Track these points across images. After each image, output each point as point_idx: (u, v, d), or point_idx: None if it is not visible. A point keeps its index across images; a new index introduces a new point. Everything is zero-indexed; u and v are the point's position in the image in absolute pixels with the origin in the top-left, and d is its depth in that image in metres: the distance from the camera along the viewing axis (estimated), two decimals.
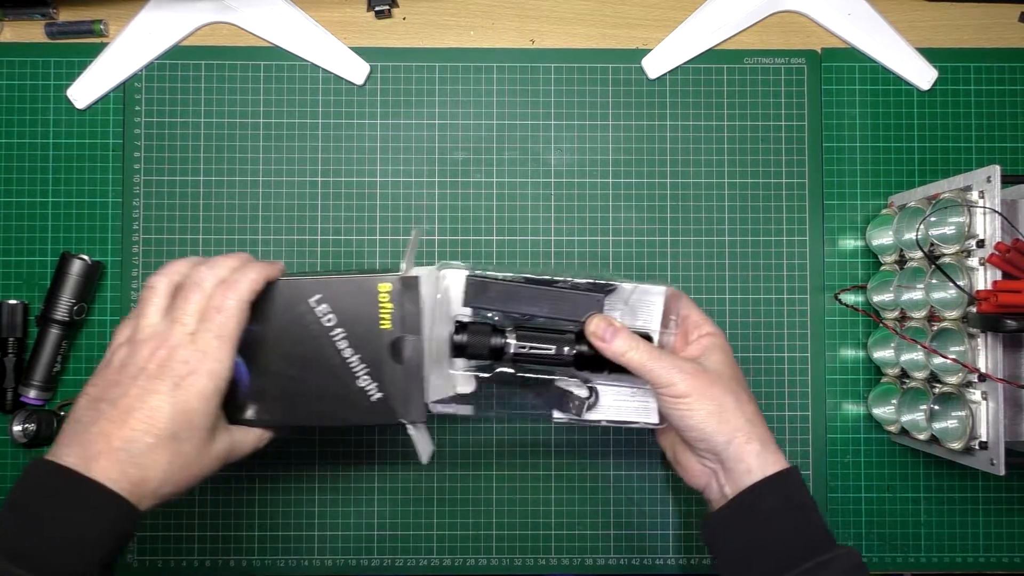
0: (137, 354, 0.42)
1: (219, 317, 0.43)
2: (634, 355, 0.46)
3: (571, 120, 0.62)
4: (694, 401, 0.45)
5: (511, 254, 0.62)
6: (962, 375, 0.51)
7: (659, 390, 0.46)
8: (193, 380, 0.41)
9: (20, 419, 0.58)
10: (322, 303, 0.45)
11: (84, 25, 0.61)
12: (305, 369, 0.46)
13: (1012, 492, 0.61)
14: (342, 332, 0.45)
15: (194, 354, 0.42)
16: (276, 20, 0.62)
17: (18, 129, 0.61)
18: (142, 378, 0.41)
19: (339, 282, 0.45)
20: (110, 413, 0.41)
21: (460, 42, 0.63)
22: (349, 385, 0.45)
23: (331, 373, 0.45)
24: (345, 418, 0.46)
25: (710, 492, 0.48)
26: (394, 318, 0.45)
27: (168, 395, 0.41)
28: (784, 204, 0.62)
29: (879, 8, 0.63)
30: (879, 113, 0.63)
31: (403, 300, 0.45)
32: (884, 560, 0.61)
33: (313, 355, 0.45)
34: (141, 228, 0.61)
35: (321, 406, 0.46)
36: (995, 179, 0.49)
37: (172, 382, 0.41)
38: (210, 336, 0.42)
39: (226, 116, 0.62)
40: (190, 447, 0.42)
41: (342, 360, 0.45)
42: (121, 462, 0.40)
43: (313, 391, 0.46)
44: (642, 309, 0.50)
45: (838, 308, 0.62)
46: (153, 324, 0.43)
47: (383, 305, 0.45)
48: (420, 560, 0.60)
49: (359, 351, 0.45)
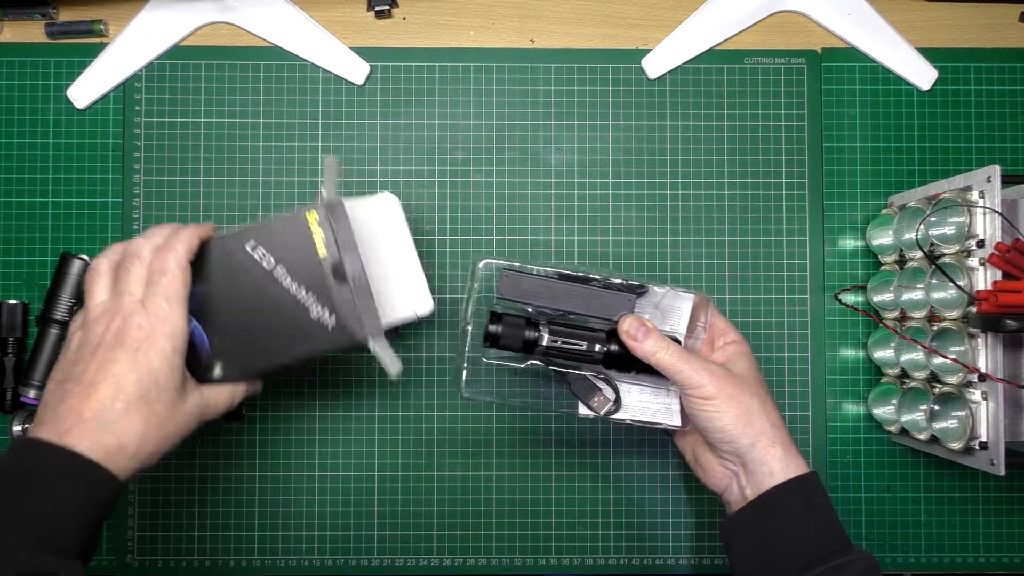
0: (92, 331, 0.43)
1: (164, 280, 0.44)
2: (664, 356, 0.47)
3: (571, 120, 0.62)
4: (722, 403, 0.46)
5: (511, 254, 0.62)
6: (962, 375, 0.51)
7: (687, 391, 0.47)
8: (151, 343, 0.42)
9: (20, 419, 0.58)
10: (257, 248, 0.47)
11: (84, 25, 0.61)
12: (258, 316, 0.47)
13: (1012, 492, 0.61)
14: (283, 270, 0.47)
15: (147, 318, 0.43)
16: (276, 20, 0.62)
17: (18, 129, 0.61)
18: (100, 350, 0.42)
19: (269, 224, 0.47)
20: (75, 390, 0.41)
21: (460, 42, 0.63)
22: (303, 319, 0.47)
23: (283, 312, 0.47)
24: (309, 351, 0.47)
25: (730, 494, 0.49)
26: (328, 243, 0.46)
27: (129, 361, 0.42)
28: (784, 204, 0.62)
29: (879, 8, 0.63)
30: (879, 113, 0.63)
31: (332, 224, 0.46)
32: (884, 560, 0.61)
33: (262, 300, 0.47)
34: (141, 228, 0.61)
35: (282, 347, 0.47)
36: (995, 179, 0.49)
37: (131, 348, 0.42)
38: (159, 299, 0.43)
39: (226, 116, 0.62)
40: (160, 407, 0.43)
41: (291, 297, 0.47)
42: (94, 432, 0.40)
43: (271, 335, 0.47)
44: (671, 313, 0.51)
45: (838, 308, 0.62)
46: (102, 302, 0.44)
47: (315, 233, 0.46)
48: (420, 560, 0.60)
49: (304, 284, 0.47)
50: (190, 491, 0.60)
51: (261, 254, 0.47)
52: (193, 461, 0.60)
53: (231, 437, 0.60)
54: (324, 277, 0.46)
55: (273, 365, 0.47)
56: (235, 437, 0.60)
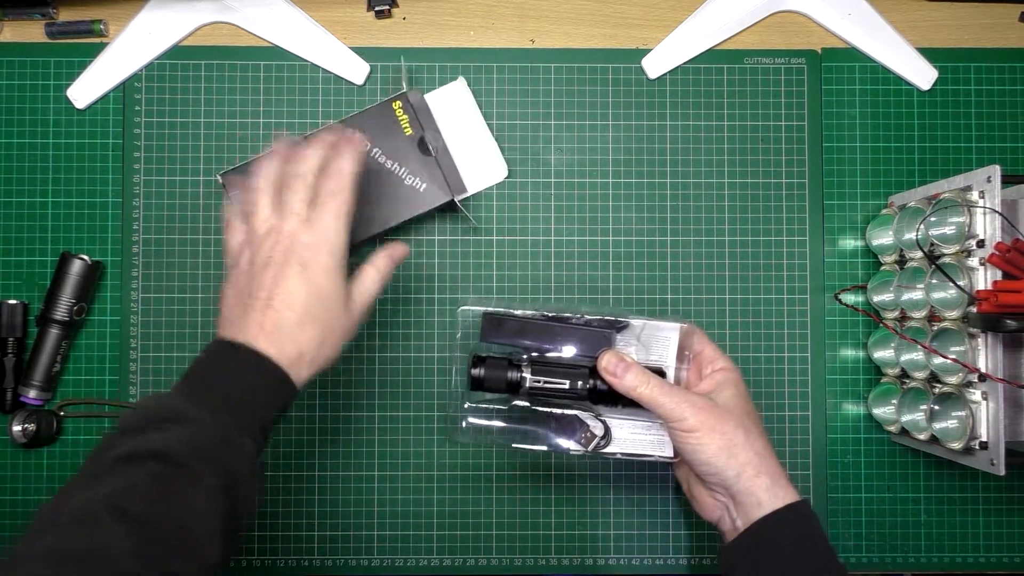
0: (261, 248, 0.46)
1: (333, 202, 0.47)
2: (644, 390, 0.47)
3: (571, 120, 0.62)
4: (704, 435, 0.46)
5: (511, 254, 0.62)
6: (962, 375, 0.51)
7: (670, 424, 0.47)
8: (317, 259, 0.46)
9: (20, 419, 0.58)
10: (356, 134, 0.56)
11: (84, 25, 0.61)
12: (363, 189, 0.53)
13: (1012, 492, 0.61)
14: (379, 151, 0.58)
15: (313, 237, 0.46)
16: (276, 20, 0.62)
17: (18, 129, 0.61)
18: (272, 267, 0.46)
19: (363, 116, 0.58)
20: (254, 304, 0.45)
21: (460, 42, 0.63)
22: (399, 187, 0.58)
23: (383, 184, 0.57)
24: (411, 210, 0.58)
25: (723, 524, 0.49)
26: (412, 123, 0.58)
27: (299, 277, 0.45)
28: (784, 204, 0.62)
29: (879, 8, 0.63)
30: (879, 113, 0.63)
31: (412, 107, 0.58)
32: (884, 560, 0.61)
33: (365, 176, 0.53)
34: (141, 228, 0.61)
35: (387, 212, 0.58)
36: (995, 179, 0.49)
37: (300, 265, 0.45)
38: (330, 218, 0.47)
39: (226, 116, 0.62)
40: (331, 316, 0.46)
41: (387, 171, 0.58)
42: (278, 341, 0.44)
43: (378, 204, 0.57)
44: (656, 345, 0.51)
45: (838, 308, 0.62)
46: (267, 218, 0.47)
47: (400, 118, 0.58)
48: (420, 560, 0.60)
49: (396, 159, 0.58)
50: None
51: None
52: None
53: None
54: (412, 151, 0.58)
55: (384, 227, 0.57)
56: None
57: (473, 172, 0.61)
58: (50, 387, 0.59)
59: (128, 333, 0.60)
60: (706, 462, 0.46)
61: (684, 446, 0.47)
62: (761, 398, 0.61)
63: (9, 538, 0.60)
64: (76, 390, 0.60)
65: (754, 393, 0.61)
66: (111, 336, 0.61)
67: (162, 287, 0.61)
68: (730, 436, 0.46)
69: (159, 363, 0.60)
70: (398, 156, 0.58)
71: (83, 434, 0.60)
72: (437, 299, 0.61)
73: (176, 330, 0.61)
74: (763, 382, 0.61)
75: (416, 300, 0.61)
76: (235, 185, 0.57)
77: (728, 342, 0.62)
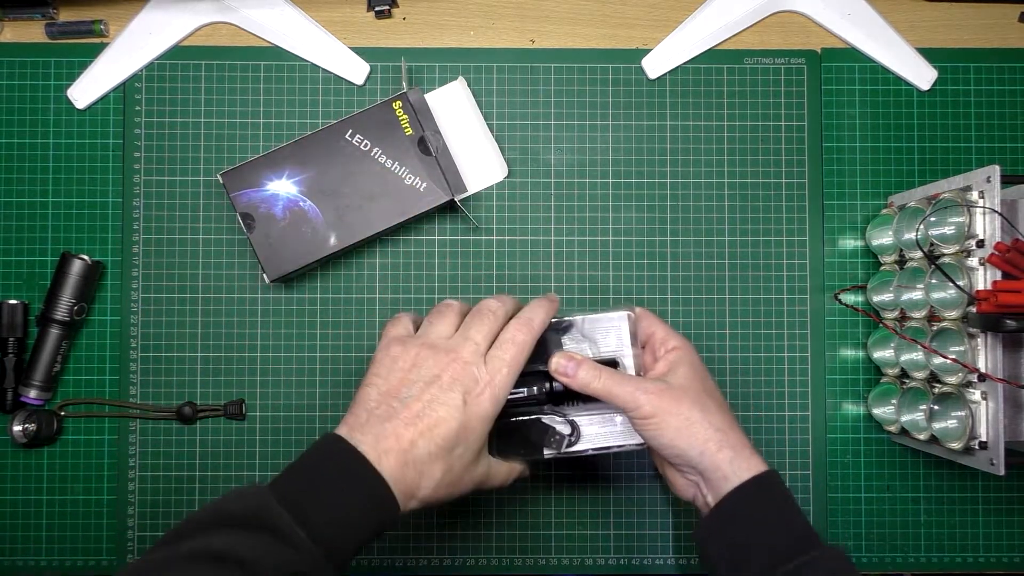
0: (429, 360, 0.45)
1: (513, 350, 0.46)
2: (598, 384, 0.47)
3: (571, 120, 0.62)
4: (660, 420, 0.46)
5: (511, 254, 0.62)
6: (962, 375, 0.51)
7: (628, 413, 0.47)
8: (480, 400, 0.45)
9: (20, 419, 0.58)
10: (355, 135, 0.57)
11: (84, 25, 0.61)
12: (364, 188, 0.57)
13: (1012, 492, 0.61)
14: (379, 151, 0.57)
15: (485, 375, 0.45)
16: (276, 20, 0.62)
17: (18, 129, 0.61)
18: (435, 386, 0.44)
19: (363, 116, 0.58)
20: (403, 413, 0.43)
21: (460, 42, 0.63)
22: (399, 186, 0.57)
23: (382, 183, 0.57)
24: (411, 209, 0.58)
25: (697, 501, 0.49)
26: (412, 123, 0.57)
27: (457, 409, 0.44)
28: (784, 204, 0.62)
29: (879, 8, 0.63)
30: (879, 113, 0.63)
31: (412, 107, 0.58)
32: (884, 560, 0.61)
33: (366, 176, 0.57)
34: (141, 228, 0.61)
35: (387, 212, 0.57)
36: (995, 179, 0.49)
37: (462, 398, 0.44)
38: (503, 364, 0.45)
39: (226, 116, 0.62)
40: (460, 464, 0.45)
41: (387, 170, 0.57)
42: (405, 464, 0.42)
43: (376, 202, 0.57)
44: (605, 336, 0.51)
45: (838, 308, 0.62)
46: (446, 336, 0.47)
47: (400, 118, 0.57)
48: (420, 560, 0.60)
49: (396, 159, 0.58)
50: (190, 491, 0.60)
51: (359, 140, 0.57)
52: (193, 461, 0.60)
53: (231, 437, 0.60)
54: (412, 151, 0.57)
55: (384, 225, 0.57)
56: (235, 437, 0.60)
57: (473, 172, 0.61)
58: (50, 387, 0.59)
59: (128, 333, 0.60)
60: (668, 445, 0.47)
61: (644, 432, 0.47)
62: (761, 398, 0.61)
63: (9, 538, 0.60)
64: (76, 390, 0.60)
65: (754, 393, 0.61)
66: (111, 336, 0.61)
67: (162, 287, 0.61)
68: (686, 415, 0.46)
69: (159, 363, 0.60)
70: (398, 156, 0.57)
71: (83, 434, 0.60)
72: (437, 299, 0.61)
73: (176, 330, 0.61)
74: (763, 382, 0.61)
75: (416, 300, 0.61)
76: (235, 185, 0.57)
77: (728, 342, 0.62)
